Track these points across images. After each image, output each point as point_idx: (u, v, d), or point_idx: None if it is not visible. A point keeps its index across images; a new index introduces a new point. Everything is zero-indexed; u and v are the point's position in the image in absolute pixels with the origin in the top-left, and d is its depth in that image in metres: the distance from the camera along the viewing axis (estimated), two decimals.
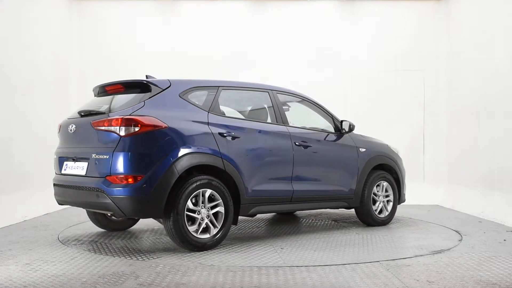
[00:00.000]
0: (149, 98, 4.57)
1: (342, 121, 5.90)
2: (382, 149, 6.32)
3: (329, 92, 8.63)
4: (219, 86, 5.07)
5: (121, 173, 4.30)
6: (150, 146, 4.34)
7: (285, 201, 5.26)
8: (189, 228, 4.47)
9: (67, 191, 4.82)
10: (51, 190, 5.24)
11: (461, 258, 4.40)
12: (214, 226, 4.65)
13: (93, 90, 5.33)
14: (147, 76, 5.03)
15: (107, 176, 4.35)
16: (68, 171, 4.84)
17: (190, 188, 4.46)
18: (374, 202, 6.11)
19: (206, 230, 4.62)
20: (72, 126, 4.85)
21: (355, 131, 6.10)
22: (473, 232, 5.74)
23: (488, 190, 7.24)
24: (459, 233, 5.67)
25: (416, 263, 4.20)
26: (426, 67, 9.02)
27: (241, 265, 4.09)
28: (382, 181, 6.18)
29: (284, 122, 5.40)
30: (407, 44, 9.02)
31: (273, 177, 5.14)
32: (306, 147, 5.43)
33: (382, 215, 6.18)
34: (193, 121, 4.65)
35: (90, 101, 5.25)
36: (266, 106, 5.55)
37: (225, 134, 4.78)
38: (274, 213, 7.12)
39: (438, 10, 9.01)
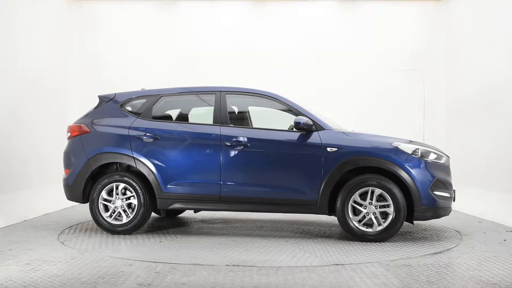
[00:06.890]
0: (94, 108, 5.74)
1: (296, 117, 5.21)
2: (375, 149, 5.09)
3: (329, 91, 8.63)
4: (160, 94, 5.68)
5: (64, 168, 5.69)
6: (76, 147, 5.57)
7: (213, 200, 5.31)
8: (103, 214, 5.38)
9: None
10: (51, 190, 5.49)
11: (461, 258, 4.40)
12: (127, 215, 5.38)
13: None
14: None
15: None
16: None
17: (104, 181, 5.40)
18: (360, 212, 5.05)
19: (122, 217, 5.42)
20: None
21: (354, 128, 5.76)
22: (473, 232, 5.74)
23: (488, 190, 7.23)
24: (459, 233, 5.67)
25: (416, 263, 4.20)
26: (426, 67, 9.02)
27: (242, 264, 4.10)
28: (373, 188, 4.99)
29: (224, 122, 5.39)
30: (407, 44, 9.02)
31: (195, 176, 5.36)
32: (243, 146, 5.24)
33: (370, 230, 5.00)
34: (116, 126, 5.52)
35: None
36: (208, 108, 5.66)
37: (143, 136, 5.41)
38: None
39: (438, 10, 9.01)
